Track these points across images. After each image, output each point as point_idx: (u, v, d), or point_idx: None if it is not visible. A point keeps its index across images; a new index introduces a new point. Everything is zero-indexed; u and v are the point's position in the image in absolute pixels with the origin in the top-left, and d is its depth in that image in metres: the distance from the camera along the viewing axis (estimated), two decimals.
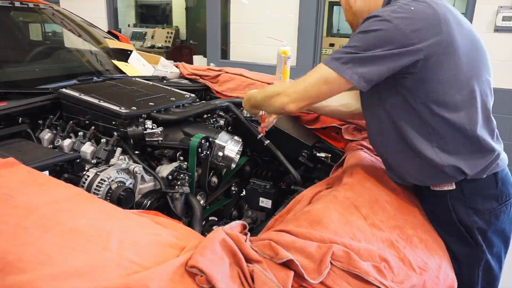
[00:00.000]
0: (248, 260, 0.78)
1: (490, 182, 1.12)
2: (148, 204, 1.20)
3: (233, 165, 1.38)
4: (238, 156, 1.39)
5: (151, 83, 1.73)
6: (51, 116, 1.43)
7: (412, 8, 1.00)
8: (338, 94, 1.10)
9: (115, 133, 1.30)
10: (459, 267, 1.13)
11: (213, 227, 1.35)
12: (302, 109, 1.12)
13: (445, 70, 1.01)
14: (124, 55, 2.15)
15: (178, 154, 1.35)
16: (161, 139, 1.32)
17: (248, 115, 1.65)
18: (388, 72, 1.00)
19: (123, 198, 1.10)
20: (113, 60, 2.04)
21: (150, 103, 1.39)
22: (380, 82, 1.03)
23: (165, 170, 1.29)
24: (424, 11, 1.00)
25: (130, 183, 1.20)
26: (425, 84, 1.03)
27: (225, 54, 4.18)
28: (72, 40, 2.24)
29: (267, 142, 1.52)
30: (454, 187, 1.12)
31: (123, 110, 1.30)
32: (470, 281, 1.15)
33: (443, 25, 0.99)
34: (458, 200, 1.12)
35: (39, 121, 1.43)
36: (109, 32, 2.47)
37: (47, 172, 1.07)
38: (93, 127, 1.35)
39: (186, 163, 1.33)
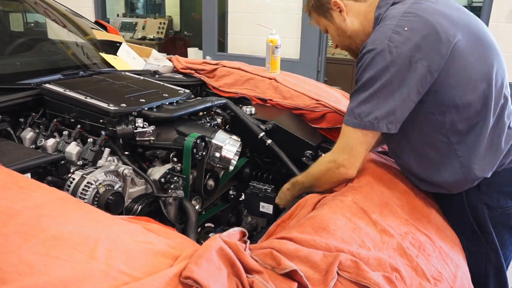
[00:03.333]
0: (248, 270, 0.77)
1: (508, 178, 1.18)
2: (139, 209, 1.20)
3: (231, 167, 1.38)
4: (237, 157, 1.39)
5: (142, 78, 1.73)
6: (34, 114, 1.43)
7: (406, 29, 1.06)
8: None
9: (103, 132, 1.30)
10: (469, 266, 1.18)
11: (210, 235, 1.36)
12: (360, 165, 1.20)
13: (453, 75, 1.07)
14: (112, 47, 2.14)
15: (171, 155, 1.35)
16: (153, 138, 1.32)
17: (249, 113, 1.65)
18: (414, 104, 1.09)
19: (111, 203, 1.10)
20: (100, 53, 2.04)
21: (141, 100, 1.39)
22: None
23: (157, 172, 1.29)
24: (418, 27, 1.06)
25: (119, 187, 1.19)
26: (438, 95, 1.09)
27: (222, 46, 4.18)
28: (56, 31, 2.24)
29: (269, 141, 1.52)
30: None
31: (111, 107, 1.30)
32: (479, 281, 1.21)
33: (441, 34, 1.05)
34: (473, 195, 1.18)
35: (20, 119, 1.43)
36: (96, 23, 2.46)
37: (29, 175, 1.07)
38: (79, 126, 1.35)
39: (180, 164, 1.33)
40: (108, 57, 2.02)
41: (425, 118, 1.13)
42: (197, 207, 1.40)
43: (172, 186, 1.26)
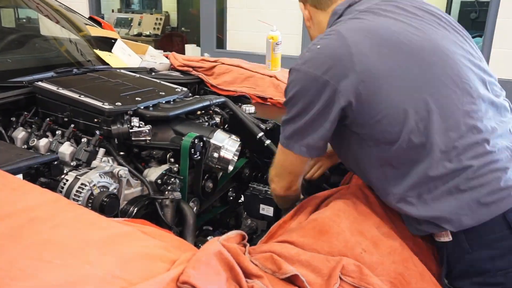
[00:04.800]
0: (248, 275, 0.77)
1: (500, 228, 0.92)
2: (135, 211, 1.20)
3: (230, 168, 1.37)
4: (236, 158, 1.39)
5: (137, 75, 1.73)
6: (26, 113, 1.43)
7: (318, 47, 1.00)
8: None
9: (98, 132, 1.30)
10: None
11: (208, 238, 1.35)
12: (289, 188, 1.18)
13: (375, 106, 0.95)
14: (107, 44, 2.15)
15: (168, 156, 1.35)
16: (149, 138, 1.32)
17: (248, 112, 1.65)
18: (329, 131, 1.01)
19: (106, 205, 1.10)
20: (95, 50, 2.04)
21: (136, 98, 1.39)
22: (333, 137, 1.05)
23: (153, 173, 1.29)
24: (331, 45, 0.98)
25: (114, 188, 1.19)
26: (364, 127, 0.99)
27: (221, 43, 4.19)
28: (49, 27, 2.24)
29: (268, 142, 1.52)
30: (450, 237, 0.96)
31: (106, 106, 1.30)
32: None
33: (355, 58, 0.94)
34: (456, 256, 0.97)
35: (12, 118, 1.43)
36: (90, 18, 2.47)
37: (20, 176, 1.07)
38: (72, 125, 1.35)
39: (177, 165, 1.33)
40: (103, 54, 2.02)
41: (363, 149, 1.04)
42: (195, 209, 1.39)
43: (169, 188, 1.26)
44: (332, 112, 0.97)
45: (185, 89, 1.62)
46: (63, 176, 1.15)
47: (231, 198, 1.63)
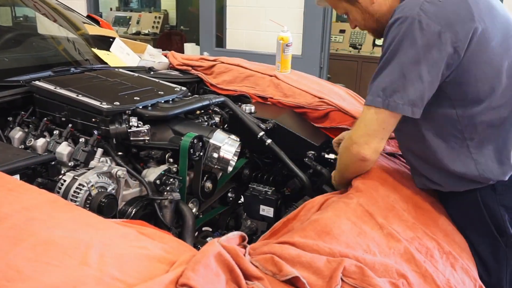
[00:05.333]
0: (248, 276, 0.77)
1: None
2: (133, 212, 1.19)
3: (230, 168, 1.37)
4: (236, 158, 1.39)
5: (136, 74, 1.73)
6: (23, 113, 1.43)
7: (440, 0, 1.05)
8: None
9: (96, 132, 1.30)
10: (487, 270, 1.19)
11: (207, 239, 1.36)
12: (379, 148, 1.15)
13: (479, 64, 1.07)
14: (105, 42, 2.15)
15: (167, 156, 1.35)
16: (147, 138, 1.32)
17: (248, 111, 1.65)
18: (433, 88, 1.08)
19: (104, 206, 1.10)
20: (93, 49, 2.04)
21: (135, 98, 1.39)
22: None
23: (152, 173, 1.29)
24: (452, 1, 1.06)
25: (113, 189, 1.19)
26: (462, 86, 1.09)
27: (220, 41, 4.18)
28: (46, 26, 2.24)
29: (268, 141, 1.52)
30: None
31: (104, 105, 1.30)
32: (498, 284, 1.20)
33: (475, 14, 1.05)
34: (489, 196, 1.17)
35: (8, 118, 1.43)
36: (88, 17, 2.47)
37: (17, 176, 1.07)
38: (70, 125, 1.35)
39: (176, 166, 1.33)
40: (101, 53, 2.02)
41: (442, 110, 1.13)
42: (194, 210, 1.39)
43: (167, 188, 1.26)
44: (440, 63, 1.06)
45: (184, 88, 1.62)
46: (60, 176, 1.15)
47: (231, 198, 1.63)
